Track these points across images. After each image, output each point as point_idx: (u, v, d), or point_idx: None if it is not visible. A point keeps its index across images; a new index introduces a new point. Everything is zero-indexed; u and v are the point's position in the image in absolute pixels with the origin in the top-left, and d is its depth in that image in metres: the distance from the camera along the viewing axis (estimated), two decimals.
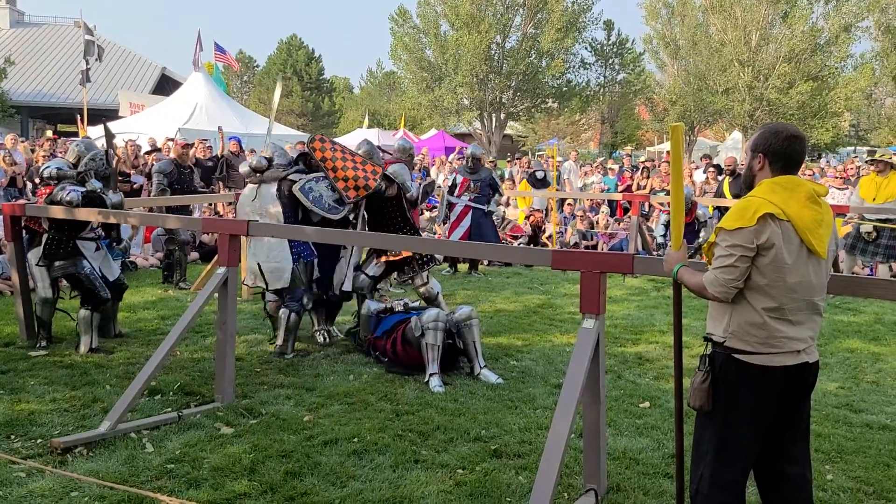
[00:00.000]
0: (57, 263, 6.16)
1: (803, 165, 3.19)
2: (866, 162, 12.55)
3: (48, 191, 6.10)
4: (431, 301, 6.73)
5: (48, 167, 6.25)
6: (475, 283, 9.86)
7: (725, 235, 2.78)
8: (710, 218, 11.08)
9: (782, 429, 2.93)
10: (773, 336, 2.79)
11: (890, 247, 9.08)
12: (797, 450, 2.96)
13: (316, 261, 6.46)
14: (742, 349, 2.83)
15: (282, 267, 6.14)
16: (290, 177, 6.37)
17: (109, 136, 6.97)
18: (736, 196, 10.70)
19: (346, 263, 6.63)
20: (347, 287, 6.63)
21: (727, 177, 11.23)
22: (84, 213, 5.87)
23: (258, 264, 6.19)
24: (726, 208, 10.77)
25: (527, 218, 13.42)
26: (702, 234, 10.71)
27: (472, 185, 10.08)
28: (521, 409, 5.01)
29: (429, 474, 3.96)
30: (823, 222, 2.82)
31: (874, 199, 8.99)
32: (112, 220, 6.07)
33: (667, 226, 12.49)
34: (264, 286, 6.31)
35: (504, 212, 13.07)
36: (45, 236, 6.19)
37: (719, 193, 11.19)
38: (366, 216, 6.65)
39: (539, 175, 14.29)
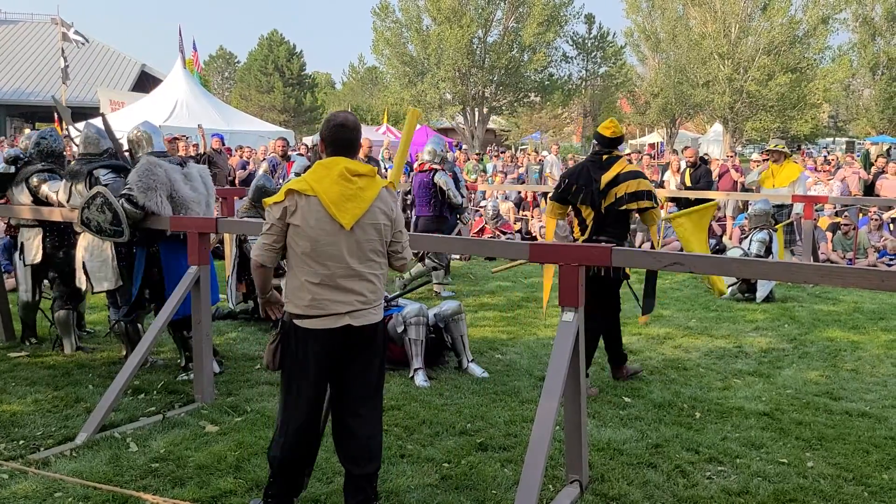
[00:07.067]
0: (60, 255, 5.96)
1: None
2: (764, 151, 13.47)
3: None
4: None
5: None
6: (460, 278, 9.88)
7: (266, 209, 3.21)
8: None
9: (344, 387, 3.24)
10: (315, 300, 3.11)
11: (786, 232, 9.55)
12: (361, 406, 3.28)
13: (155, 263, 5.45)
14: (296, 313, 3.15)
15: (104, 265, 5.45)
16: (95, 172, 5.47)
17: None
18: (695, 185, 11.03)
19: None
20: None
21: (688, 168, 11.45)
22: (57, 214, 5.67)
23: (83, 263, 5.53)
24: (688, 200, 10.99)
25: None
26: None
27: None
28: (506, 402, 5.04)
29: (415, 468, 3.97)
30: (355, 197, 3.12)
31: (773, 184, 9.73)
32: (69, 218, 5.56)
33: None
34: (89, 288, 5.59)
35: (497, 207, 12.93)
36: (38, 236, 6.00)
37: (681, 183, 11.43)
38: None
39: None
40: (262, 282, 3.33)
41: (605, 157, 5.28)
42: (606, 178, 5.14)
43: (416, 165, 9.14)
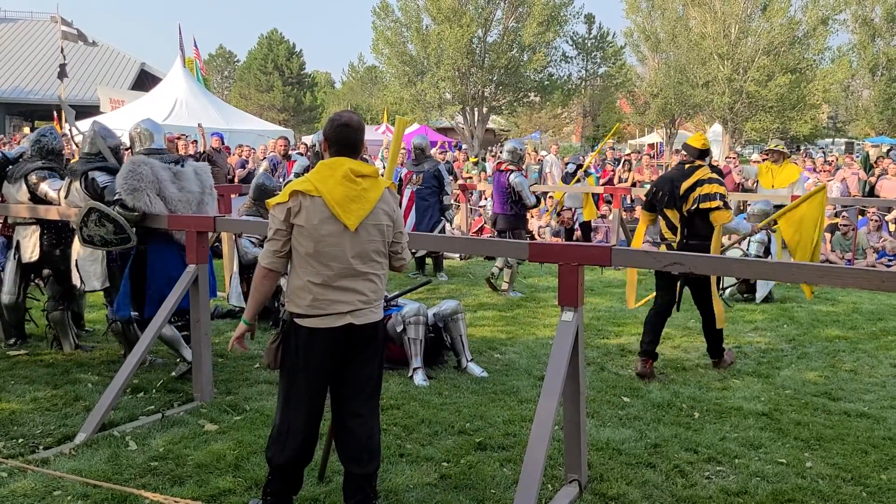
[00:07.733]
0: (57, 253, 5.94)
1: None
2: (762, 152, 13.42)
3: None
4: None
5: None
6: (459, 278, 9.88)
7: (270, 212, 3.18)
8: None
9: (344, 387, 3.26)
10: (317, 300, 3.12)
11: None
12: (361, 406, 3.29)
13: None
14: (298, 312, 3.16)
15: (95, 264, 5.43)
16: (91, 173, 5.47)
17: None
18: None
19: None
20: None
21: None
22: (53, 212, 5.65)
23: (76, 262, 5.52)
24: None
25: (557, 215, 13.18)
26: None
27: (414, 176, 9.87)
28: (505, 401, 5.04)
29: (414, 468, 3.98)
30: (359, 198, 3.13)
31: (772, 185, 9.82)
32: (65, 216, 5.55)
33: None
34: (82, 287, 5.61)
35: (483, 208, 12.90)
36: (35, 234, 5.97)
37: None
38: None
39: (570, 168, 13.68)
40: (268, 289, 3.26)
41: (687, 165, 5.80)
42: (687, 184, 5.68)
43: (493, 164, 9.28)
